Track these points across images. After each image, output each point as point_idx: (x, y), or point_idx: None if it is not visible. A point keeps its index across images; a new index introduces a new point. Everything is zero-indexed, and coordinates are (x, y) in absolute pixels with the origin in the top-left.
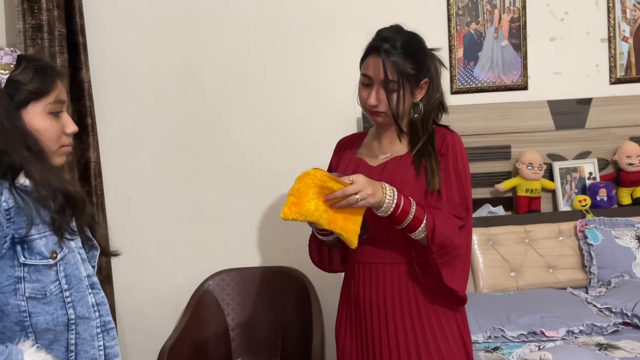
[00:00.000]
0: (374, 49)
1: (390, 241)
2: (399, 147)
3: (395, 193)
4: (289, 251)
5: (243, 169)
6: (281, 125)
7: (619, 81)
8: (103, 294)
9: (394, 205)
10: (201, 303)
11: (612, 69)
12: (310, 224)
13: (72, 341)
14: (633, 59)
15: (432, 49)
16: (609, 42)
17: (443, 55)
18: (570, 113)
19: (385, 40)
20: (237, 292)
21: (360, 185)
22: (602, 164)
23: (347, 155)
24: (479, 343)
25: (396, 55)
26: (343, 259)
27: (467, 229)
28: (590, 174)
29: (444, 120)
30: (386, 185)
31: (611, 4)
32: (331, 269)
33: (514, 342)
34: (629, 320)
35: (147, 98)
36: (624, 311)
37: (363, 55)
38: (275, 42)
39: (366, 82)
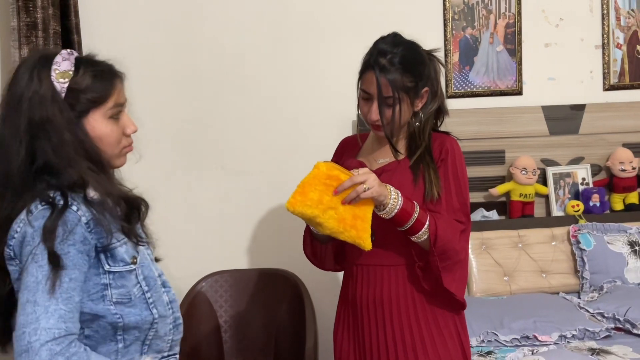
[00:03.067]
0: (370, 65)
1: (388, 243)
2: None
3: (400, 195)
4: (283, 253)
5: (237, 171)
6: (276, 127)
7: (613, 88)
8: (173, 291)
9: (398, 206)
10: (194, 305)
11: (605, 75)
12: (311, 222)
13: (150, 337)
14: (626, 66)
15: (430, 51)
16: (603, 49)
17: (439, 56)
18: (564, 119)
19: (383, 54)
20: (230, 294)
21: (366, 175)
22: (595, 169)
23: (348, 156)
24: (473, 347)
25: (394, 72)
26: (338, 260)
27: (466, 234)
28: (584, 179)
29: (445, 123)
30: (390, 187)
31: (605, 11)
32: (323, 266)
33: (507, 346)
34: (621, 326)
35: (141, 98)
36: (616, 316)
37: (361, 70)
38: (271, 43)
39: (365, 97)
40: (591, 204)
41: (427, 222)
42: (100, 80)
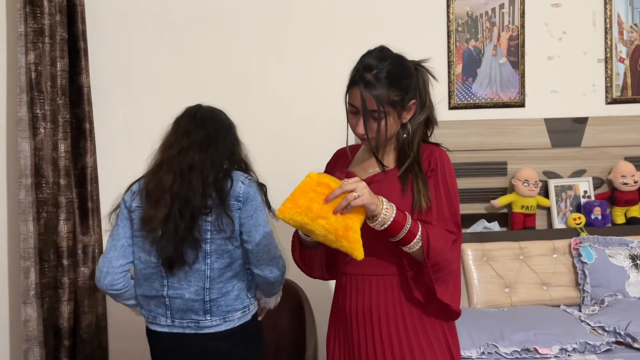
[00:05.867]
0: (355, 81)
1: (376, 253)
2: (386, 162)
3: (393, 207)
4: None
5: None
6: (278, 133)
7: (615, 101)
8: None
9: (391, 217)
10: None
11: (608, 89)
12: (303, 229)
13: None
14: (629, 80)
15: (419, 62)
16: (606, 62)
17: (433, 66)
18: (566, 131)
19: (368, 69)
20: None
21: (356, 183)
22: (597, 182)
23: (340, 166)
24: (473, 359)
25: (379, 87)
26: (329, 269)
27: (458, 243)
28: (585, 192)
29: (441, 133)
30: (383, 199)
31: (608, 25)
32: (311, 272)
33: (508, 358)
34: (621, 340)
35: (146, 105)
36: (617, 330)
37: (348, 85)
38: (275, 49)
39: (353, 111)
40: (593, 217)
41: (419, 233)
42: None
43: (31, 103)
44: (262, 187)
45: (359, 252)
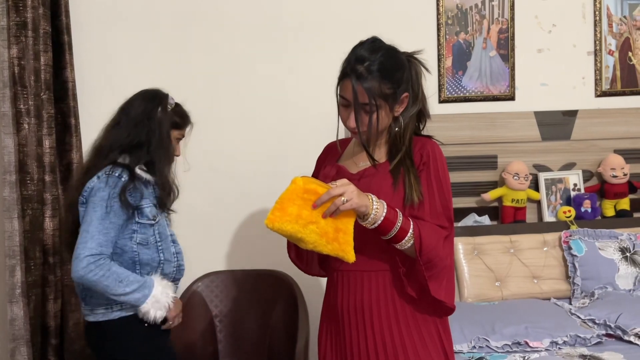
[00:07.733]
0: (347, 73)
1: (368, 249)
2: (378, 156)
3: (384, 205)
4: (278, 254)
5: (229, 173)
6: (268, 130)
7: (605, 94)
8: (180, 246)
9: (382, 216)
10: (189, 304)
11: (597, 81)
12: (292, 238)
13: (158, 273)
14: (618, 73)
15: (412, 53)
16: (595, 55)
17: (426, 58)
18: (556, 124)
19: (360, 61)
20: (226, 294)
21: (343, 187)
22: (587, 175)
23: (330, 160)
24: (464, 353)
25: (371, 80)
26: (322, 265)
27: (450, 239)
28: (575, 185)
29: (431, 127)
30: (373, 196)
31: (598, 18)
32: (309, 270)
33: (499, 352)
34: (612, 332)
35: None
36: (607, 323)
37: (339, 76)
38: (264, 46)
39: (344, 104)
40: (583, 209)
41: (411, 230)
42: (183, 116)
43: (14, 98)
44: (121, 181)
45: (350, 255)
